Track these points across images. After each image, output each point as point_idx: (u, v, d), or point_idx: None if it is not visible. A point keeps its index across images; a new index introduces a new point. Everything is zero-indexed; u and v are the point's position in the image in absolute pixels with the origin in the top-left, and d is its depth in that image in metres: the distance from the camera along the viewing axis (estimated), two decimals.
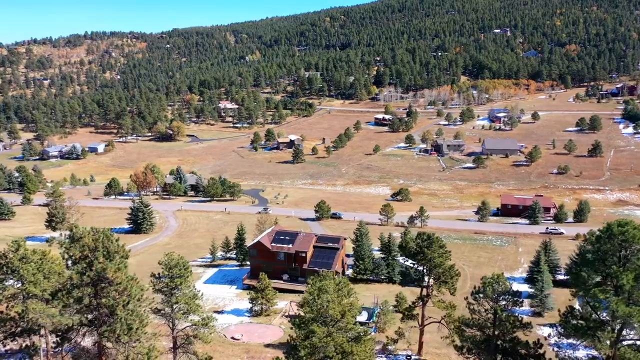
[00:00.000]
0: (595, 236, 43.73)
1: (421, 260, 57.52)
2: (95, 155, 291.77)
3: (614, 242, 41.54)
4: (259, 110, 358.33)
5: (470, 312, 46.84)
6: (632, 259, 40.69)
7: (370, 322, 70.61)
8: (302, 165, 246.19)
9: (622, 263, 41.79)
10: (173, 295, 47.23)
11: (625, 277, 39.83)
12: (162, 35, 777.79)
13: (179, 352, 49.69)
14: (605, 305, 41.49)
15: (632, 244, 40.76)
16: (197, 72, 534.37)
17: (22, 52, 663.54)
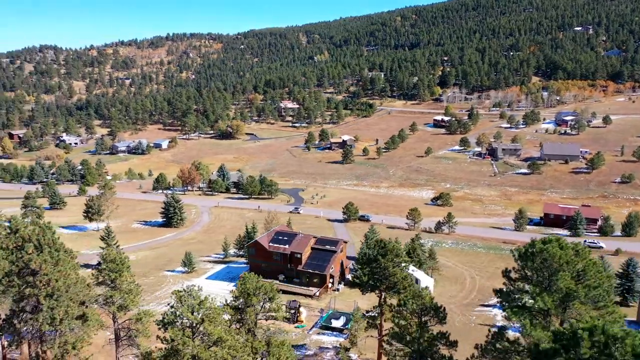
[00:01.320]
0: (519, 253, 40.55)
1: (375, 268, 55.71)
2: (159, 151, 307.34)
3: (536, 260, 38.35)
4: (317, 110, 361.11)
5: (395, 326, 44.96)
6: (554, 280, 37.26)
7: (345, 329, 69.35)
8: (351, 166, 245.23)
9: (546, 284, 38.49)
10: (114, 289, 49.07)
11: (541, 300, 36.64)
12: (237, 36, 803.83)
13: (123, 344, 51.70)
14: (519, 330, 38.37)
15: (553, 263, 37.36)
16: (265, 72, 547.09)
17: (110, 53, 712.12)
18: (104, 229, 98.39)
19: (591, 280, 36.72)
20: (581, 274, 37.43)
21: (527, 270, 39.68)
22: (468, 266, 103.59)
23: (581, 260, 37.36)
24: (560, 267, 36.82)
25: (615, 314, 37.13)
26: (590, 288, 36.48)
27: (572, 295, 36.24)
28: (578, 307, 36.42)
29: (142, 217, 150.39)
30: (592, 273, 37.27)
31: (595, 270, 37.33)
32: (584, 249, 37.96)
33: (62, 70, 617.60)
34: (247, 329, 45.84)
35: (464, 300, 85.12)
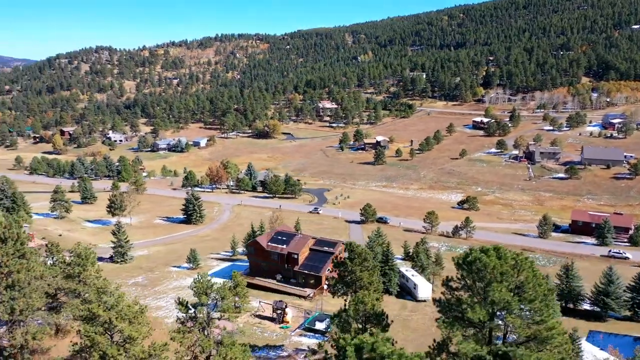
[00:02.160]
0: (458, 261, 38.91)
1: (344, 272, 55.02)
2: (198, 149, 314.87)
3: (472, 269, 36.74)
4: (355, 111, 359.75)
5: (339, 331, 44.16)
6: (488, 291, 35.55)
7: (327, 331, 68.78)
8: (382, 167, 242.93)
9: (482, 295, 36.78)
10: (79, 283, 50.75)
11: (472, 311, 35.10)
12: (284, 37, 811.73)
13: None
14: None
15: (486, 274, 35.68)
16: (308, 72, 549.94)
17: (161, 53, 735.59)
18: (115, 225, 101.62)
19: (528, 294, 34.87)
20: (520, 286, 35.65)
21: (468, 280, 38.08)
22: None
23: (520, 272, 35.51)
24: (494, 278, 35.13)
25: (553, 329, 35.09)
26: (525, 301, 34.67)
27: (506, 308, 34.56)
28: (512, 320, 34.70)
29: (165, 213, 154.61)
30: (530, 286, 35.39)
31: (534, 283, 35.39)
32: (524, 260, 35.99)
33: (115, 70, 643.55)
34: (200, 327, 46.23)
35: None
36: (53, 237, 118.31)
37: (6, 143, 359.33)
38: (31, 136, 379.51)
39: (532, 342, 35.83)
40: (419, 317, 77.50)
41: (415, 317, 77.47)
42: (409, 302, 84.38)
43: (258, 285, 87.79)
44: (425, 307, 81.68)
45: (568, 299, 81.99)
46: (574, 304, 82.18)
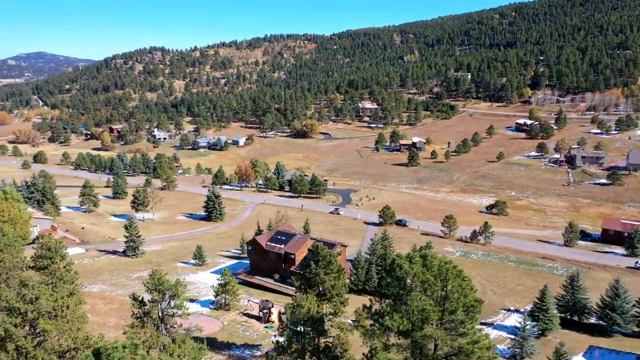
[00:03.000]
0: (385, 268, 37.68)
1: (308, 274, 54.50)
2: (236, 147, 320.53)
3: (394, 277, 35.57)
4: (395, 111, 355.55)
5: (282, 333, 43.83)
6: (408, 300, 34.25)
7: None
8: (415, 169, 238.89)
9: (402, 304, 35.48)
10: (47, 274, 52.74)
11: (390, 319, 34.01)
12: (331, 37, 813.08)
13: None
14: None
15: (407, 282, 34.40)
16: (353, 72, 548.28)
17: (211, 54, 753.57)
18: (128, 220, 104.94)
19: (450, 304, 33.37)
20: (445, 296, 34.16)
21: (392, 287, 36.84)
22: (487, 280, 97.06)
23: (446, 282, 33.98)
24: (415, 286, 33.81)
25: (478, 343, 33.37)
26: (447, 312, 33.18)
27: (426, 318, 33.21)
28: (432, 331, 33.26)
29: (189, 210, 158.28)
30: (455, 296, 33.87)
31: (460, 294, 33.82)
32: (451, 269, 34.45)
33: (166, 70, 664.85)
34: (154, 324, 47.04)
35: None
36: (76, 230, 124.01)
37: (60, 139, 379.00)
38: (83, 133, 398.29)
39: (459, 355, 34.33)
40: None
41: None
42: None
43: (255, 284, 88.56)
44: None
45: (573, 311, 77.78)
46: (579, 316, 77.84)
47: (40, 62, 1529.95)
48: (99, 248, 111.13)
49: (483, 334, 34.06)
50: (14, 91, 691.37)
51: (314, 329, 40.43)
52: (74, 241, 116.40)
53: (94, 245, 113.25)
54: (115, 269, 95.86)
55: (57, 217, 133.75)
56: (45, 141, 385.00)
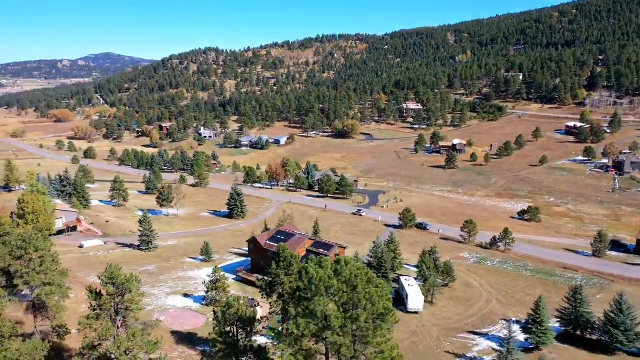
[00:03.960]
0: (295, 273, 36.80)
1: (270, 275, 54.35)
2: (277, 147, 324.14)
3: (302, 281, 34.83)
4: (439, 112, 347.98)
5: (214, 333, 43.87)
6: (311, 304, 33.40)
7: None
8: (452, 172, 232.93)
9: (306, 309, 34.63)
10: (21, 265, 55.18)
11: (294, 324, 33.37)
12: (383, 37, 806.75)
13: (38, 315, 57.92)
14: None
15: (312, 286, 33.57)
16: (403, 73, 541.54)
17: (263, 54, 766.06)
18: (142, 216, 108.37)
19: (354, 311, 32.31)
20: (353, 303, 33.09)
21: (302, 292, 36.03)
22: (496, 289, 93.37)
23: (354, 289, 32.91)
24: (319, 291, 32.93)
25: (383, 354, 32.16)
26: (350, 319, 32.15)
27: (329, 325, 32.36)
28: (335, 338, 32.33)
29: (215, 207, 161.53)
30: (362, 303, 32.77)
31: (368, 302, 32.68)
32: (362, 276, 33.36)
33: (219, 70, 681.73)
34: (108, 315, 48.36)
35: (455, 324, 77.44)
36: (101, 223, 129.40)
37: (114, 136, 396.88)
38: (135, 130, 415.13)
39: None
40: (396, 329, 73.59)
41: (395, 328, 73.79)
42: (399, 312, 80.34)
43: (253, 282, 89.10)
44: (412, 320, 77.85)
45: (575, 325, 73.39)
46: (582, 331, 73.34)
47: (107, 62, 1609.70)
48: (118, 241, 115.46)
49: (390, 345, 32.81)
50: (79, 90, 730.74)
51: (244, 329, 40.24)
52: (97, 233, 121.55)
53: (114, 238, 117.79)
54: (124, 262, 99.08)
55: (87, 210, 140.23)
56: (101, 138, 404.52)
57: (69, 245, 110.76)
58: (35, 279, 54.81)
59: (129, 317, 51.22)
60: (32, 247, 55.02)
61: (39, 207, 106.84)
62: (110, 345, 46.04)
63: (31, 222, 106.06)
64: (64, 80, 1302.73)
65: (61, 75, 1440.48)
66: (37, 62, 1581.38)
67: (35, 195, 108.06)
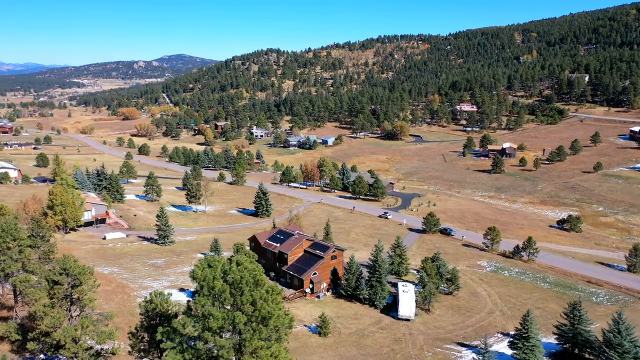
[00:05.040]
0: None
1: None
2: (325, 147, 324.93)
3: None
4: (493, 115, 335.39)
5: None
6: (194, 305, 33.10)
7: None
8: (497, 177, 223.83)
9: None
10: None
11: (179, 323, 33.35)
12: (446, 37, 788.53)
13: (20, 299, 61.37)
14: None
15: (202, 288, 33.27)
16: (463, 73, 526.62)
17: (323, 55, 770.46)
18: (158, 210, 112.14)
19: (237, 315, 31.77)
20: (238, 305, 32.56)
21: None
22: (504, 300, 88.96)
23: (238, 291, 32.36)
24: (202, 292, 32.61)
25: (275, 358, 31.42)
26: (227, 321, 31.64)
27: (210, 326, 32.02)
28: (214, 340, 31.89)
29: (245, 204, 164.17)
30: (245, 307, 32.14)
31: (250, 305, 32.00)
32: (248, 277, 32.75)
33: (279, 71, 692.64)
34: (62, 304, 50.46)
35: (445, 334, 74.49)
36: (129, 217, 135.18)
37: (172, 134, 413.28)
38: (192, 128, 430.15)
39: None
40: (380, 335, 72.08)
41: (377, 335, 72.20)
42: (389, 318, 78.60)
43: None
44: (401, 327, 75.63)
45: (573, 343, 68.51)
46: (580, 350, 68.33)
47: (179, 63, 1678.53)
48: (140, 234, 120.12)
49: (272, 351, 32.02)
50: (147, 89, 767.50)
51: (161, 324, 40.65)
52: (122, 226, 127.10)
53: (137, 232, 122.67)
54: (138, 255, 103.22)
55: (120, 203, 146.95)
56: (160, 135, 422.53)
57: (94, 237, 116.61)
58: (12, 266, 58.02)
59: (86, 307, 53.29)
60: (9, 237, 58.37)
61: (67, 200, 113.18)
62: (58, 333, 48.08)
63: (59, 213, 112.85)
64: (139, 80, 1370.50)
65: (136, 75, 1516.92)
66: (115, 63, 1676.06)
67: (64, 187, 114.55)
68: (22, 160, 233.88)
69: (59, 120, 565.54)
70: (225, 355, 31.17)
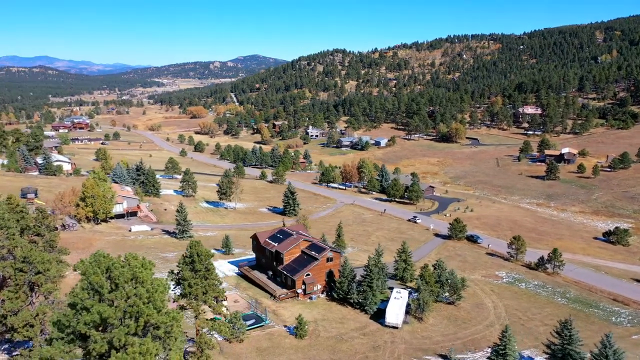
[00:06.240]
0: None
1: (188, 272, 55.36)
2: (377, 148, 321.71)
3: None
4: (557, 118, 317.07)
5: None
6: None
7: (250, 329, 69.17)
8: (550, 183, 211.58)
9: None
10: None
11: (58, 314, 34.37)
12: (520, 37, 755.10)
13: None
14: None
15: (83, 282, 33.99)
16: (531, 74, 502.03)
17: (389, 55, 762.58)
18: (178, 206, 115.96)
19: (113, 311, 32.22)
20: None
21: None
22: (510, 314, 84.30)
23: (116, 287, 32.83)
24: (83, 286, 33.31)
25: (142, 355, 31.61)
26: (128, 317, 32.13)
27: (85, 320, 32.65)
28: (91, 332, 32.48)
29: (277, 203, 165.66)
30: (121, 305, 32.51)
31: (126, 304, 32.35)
32: (125, 274, 33.09)
33: (343, 71, 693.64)
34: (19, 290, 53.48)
35: (430, 345, 71.60)
36: (159, 211, 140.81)
37: (232, 132, 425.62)
38: (252, 127, 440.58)
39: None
40: (359, 342, 70.42)
41: (356, 341, 70.57)
42: (377, 325, 76.60)
43: (249, 278, 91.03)
44: (385, 334, 73.50)
45: None
46: None
47: (253, 63, 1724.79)
48: (164, 228, 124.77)
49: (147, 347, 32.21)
50: (217, 89, 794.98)
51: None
52: (151, 220, 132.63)
53: (162, 226, 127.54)
54: (154, 247, 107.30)
55: (156, 198, 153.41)
56: (221, 133, 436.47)
57: (122, 228, 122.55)
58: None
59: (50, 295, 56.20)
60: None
61: (97, 192, 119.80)
62: (12, 318, 51.07)
63: (89, 205, 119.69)
64: (214, 80, 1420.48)
65: (212, 75, 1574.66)
66: (193, 64, 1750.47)
67: (95, 181, 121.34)
68: (85, 154, 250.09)
69: (134, 117, 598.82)
70: (97, 349, 31.78)
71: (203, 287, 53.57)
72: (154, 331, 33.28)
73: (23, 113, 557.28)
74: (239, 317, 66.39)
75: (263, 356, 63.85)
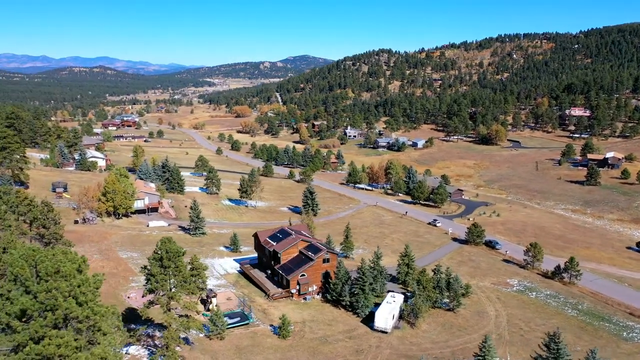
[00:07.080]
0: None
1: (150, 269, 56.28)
2: (413, 149, 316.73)
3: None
4: (606, 121, 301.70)
5: None
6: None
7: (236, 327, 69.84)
8: (590, 189, 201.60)
9: None
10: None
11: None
12: (575, 36, 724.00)
13: None
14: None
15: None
16: (586, 75, 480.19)
17: (436, 55, 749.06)
18: (192, 203, 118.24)
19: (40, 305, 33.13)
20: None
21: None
22: (512, 323, 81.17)
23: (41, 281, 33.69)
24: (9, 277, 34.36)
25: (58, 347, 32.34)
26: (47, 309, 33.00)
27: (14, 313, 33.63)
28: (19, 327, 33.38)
29: (299, 202, 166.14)
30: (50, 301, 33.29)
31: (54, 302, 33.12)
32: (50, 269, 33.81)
33: (388, 72, 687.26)
34: None
35: (417, 352, 69.73)
36: (180, 207, 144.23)
37: (272, 132, 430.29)
38: (292, 127, 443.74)
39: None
40: (343, 345, 69.57)
41: (340, 344, 69.75)
42: (366, 329, 75.41)
43: (248, 276, 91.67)
44: (371, 339, 72.23)
45: None
46: None
47: (303, 64, 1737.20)
48: (181, 224, 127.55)
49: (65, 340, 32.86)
50: (263, 89, 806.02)
51: None
52: (170, 216, 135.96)
53: (180, 222, 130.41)
54: None
55: (180, 195, 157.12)
56: (262, 133, 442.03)
57: (140, 223, 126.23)
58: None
59: None
60: None
61: (118, 188, 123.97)
62: None
63: (110, 200, 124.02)
64: (263, 80, 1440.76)
65: (262, 75, 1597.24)
66: (243, 64, 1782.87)
67: (116, 176, 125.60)
68: (124, 151, 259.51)
69: (181, 116, 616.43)
70: (18, 339, 32.77)
71: (172, 283, 54.24)
72: (78, 325, 33.94)
73: (79, 111, 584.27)
74: (220, 314, 66.96)
75: (241, 355, 64.07)
